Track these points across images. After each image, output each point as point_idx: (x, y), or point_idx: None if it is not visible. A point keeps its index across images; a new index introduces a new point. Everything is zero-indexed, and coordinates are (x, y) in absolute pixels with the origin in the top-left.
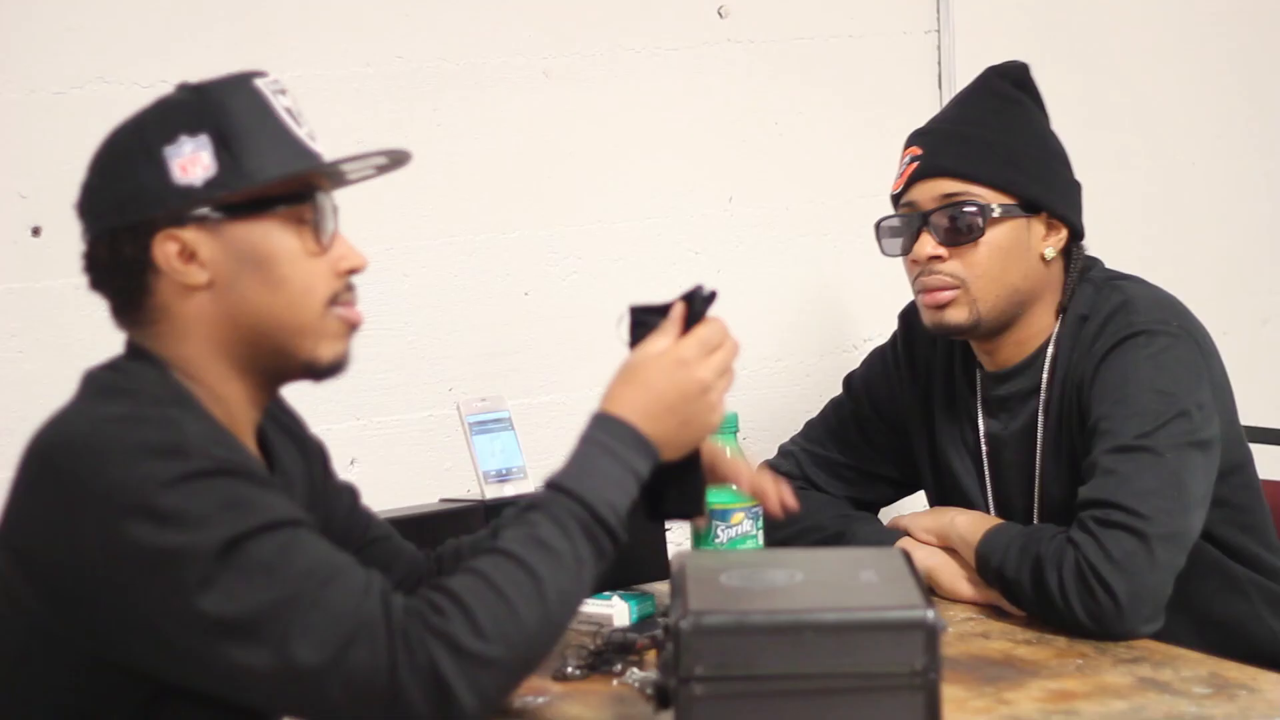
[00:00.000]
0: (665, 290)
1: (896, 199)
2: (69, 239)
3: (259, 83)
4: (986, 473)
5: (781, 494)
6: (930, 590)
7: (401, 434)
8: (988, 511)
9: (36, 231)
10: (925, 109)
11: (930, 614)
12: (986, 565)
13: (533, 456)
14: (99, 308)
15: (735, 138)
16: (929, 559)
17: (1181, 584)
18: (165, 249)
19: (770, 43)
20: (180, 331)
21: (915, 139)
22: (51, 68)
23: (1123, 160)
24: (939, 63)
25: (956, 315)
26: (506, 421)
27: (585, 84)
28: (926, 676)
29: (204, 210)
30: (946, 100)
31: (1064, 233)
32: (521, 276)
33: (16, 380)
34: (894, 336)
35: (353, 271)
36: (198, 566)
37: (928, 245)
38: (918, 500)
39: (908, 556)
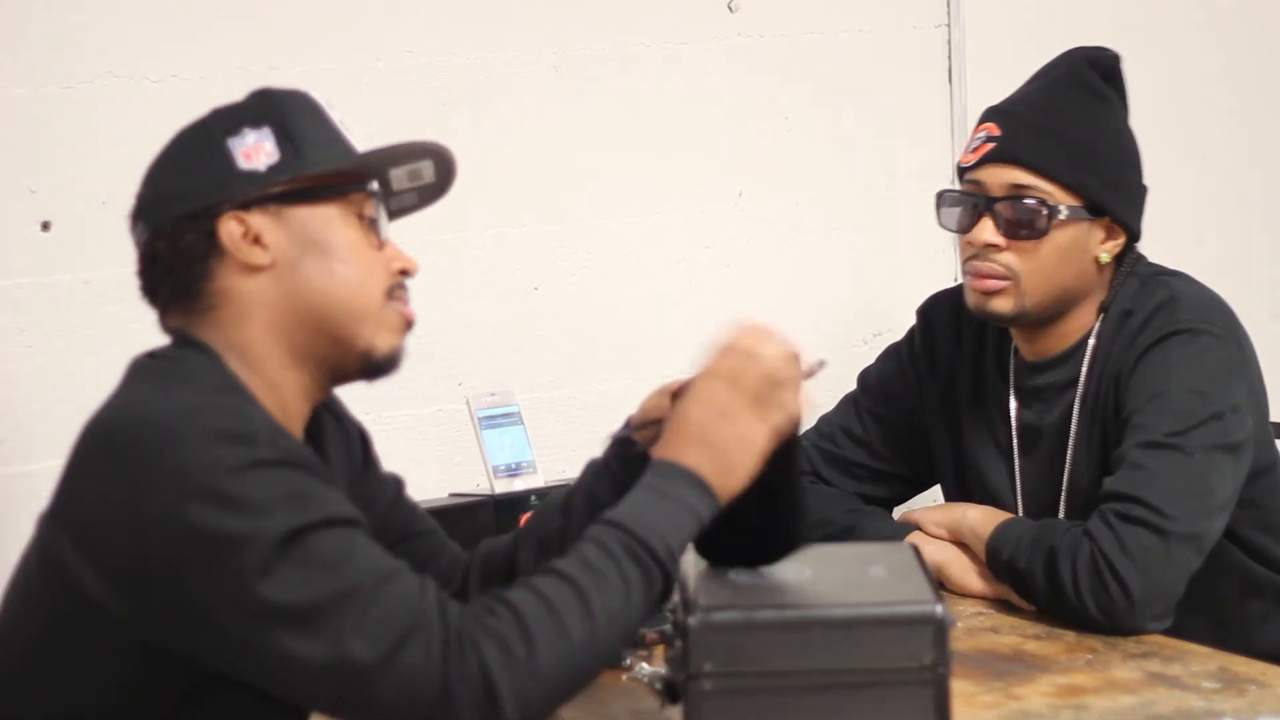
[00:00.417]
0: (672, 284)
1: (962, 170)
2: (78, 234)
3: (312, 96)
4: (1016, 463)
5: None
6: (940, 585)
7: (411, 428)
8: (1014, 502)
9: (46, 226)
10: (935, 104)
11: (939, 609)
12: (997, 558)
13: (542, 451)
14: (108, 302)
15: (744, 133)
16: (939, 553)
17: (1201, 582)
18: (229, 229)
19: (780, 38)
20: (240, 316)
21: (994, 116)
22: (60, 62)
23: None
24: (949, 58)
25: (1002, 305)
26: (516, 416)
27: (594, 79)
28: (935, 671)
29: (269, 191)
30: (957, 95)
31: (1123, 238)
32: (531, 272)
33: (26, 375)
34: (911, 331)
35: (405, 272)
36: (259, 553)
37: (987, 231)
38: (931, 496)
39: (917, 551)
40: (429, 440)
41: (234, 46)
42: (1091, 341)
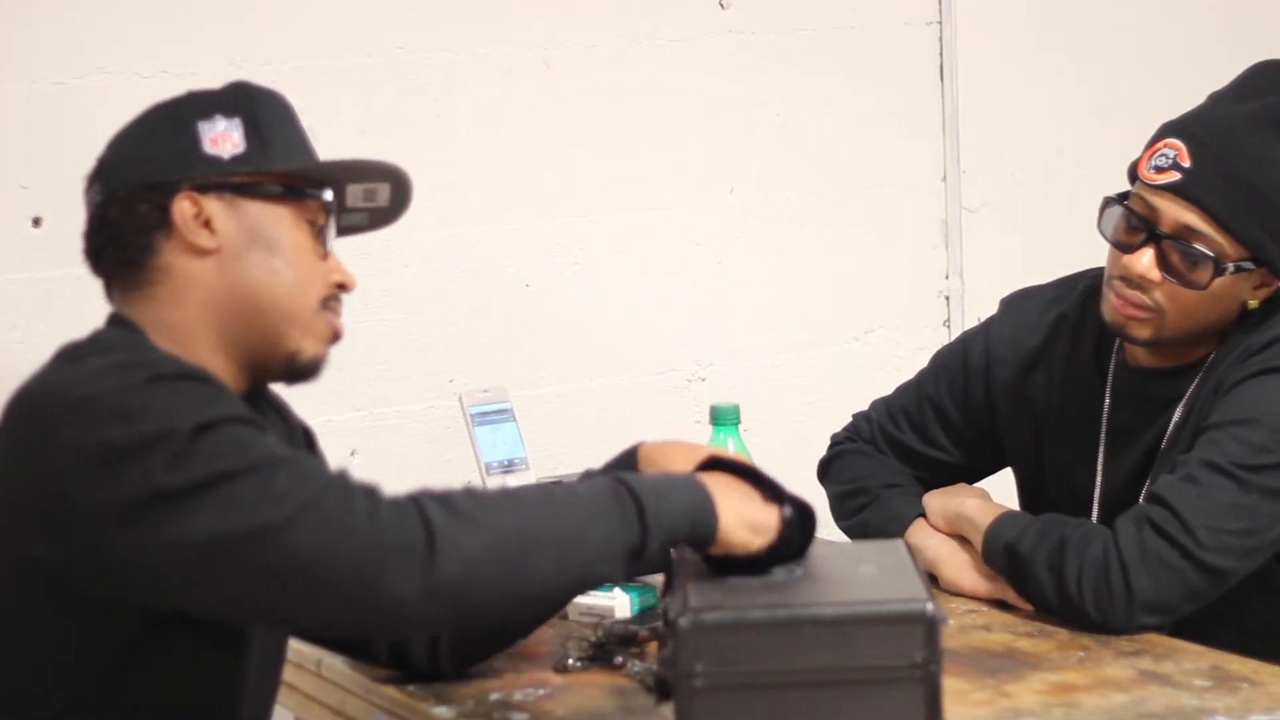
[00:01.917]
0: (664, 280)
1: (1134, 177)
2: (70, 230)
3: (287, 99)
4: (1100, 462)
5: None
6: (933, 580)
7: (403, 425)
8: (1092, 501)
9: (37, 222)
10: (927, 101)
11: (930, 606)
12: (996, 541)
13: (535, 447)
14: (99, 299)
15: (736, 129)
16: (935, 549)
17: (1245, 603)
18: (182, 207)
19: (772, 34)
20: (176, 294)
21: (1185, 138)
22: (52, 59)
23: (1124, 154)
24: (940, 54)
25: (1140, 332)
26: (508, 412)
27: (587, 75)
28: (927, 669)
29: (228, 179)
30: (948, 92)
31: (1276, 286)
32: (523, 268)
33: (17, 371)
34: (989, 321)
35: (342, 287)
36: (169, 447)
37: (1145, 262)
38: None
39: (909, 548)
40: (421, 437)
41: (225, 43)
42: (1209, 363)
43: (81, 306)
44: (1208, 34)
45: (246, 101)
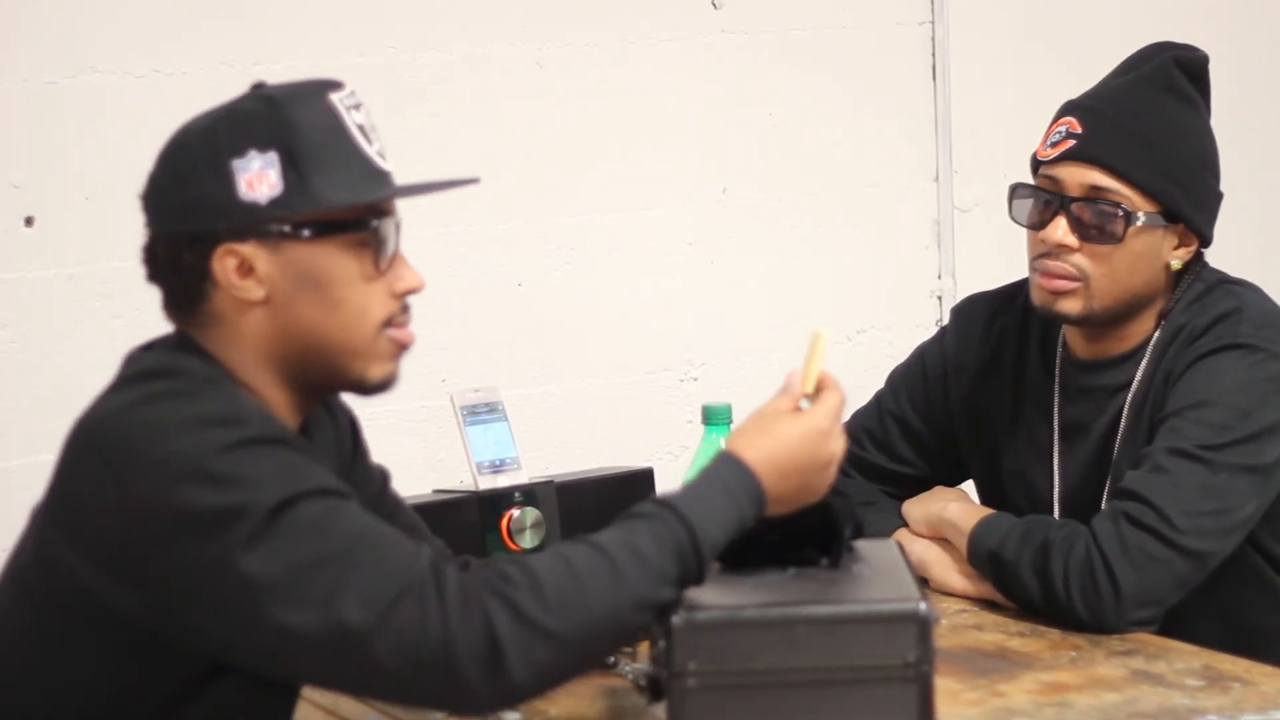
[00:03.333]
0: (656, 280)
1: (1037, 164)
2: (61, 229)
3: (334, 97)
4: (1056, 461)
5: None
6: (924, 581)
7: (395, 424)
8: (1052, 501)
9: (29, 222)
10: (919, 100)
11: (923, 606)
12: (980, 547)
13: (526, 447)
14: (91, 298)
15: (729, 129)
16: (924, 550)
17: (1221, 591)
18: (224, 264)
19: (764, 34)
20: (232, 340)
21: (1076, 112)
22: (44, 58)
23: None
24: (933, 54)
25: (1070, 306)
26: (500, 412)
27: (579, 74)
28: (919, 668)
29: (267, 226)
30: (941, 92)
31: (1195, 245)
32: (515, 267)
33: (9, 370)
34: (942, 330)
35: (409, 293)
36: (248, 526)
37: (1060, 231)
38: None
39: (901, 548)
40: (413, 436)
41: (217, 42)
42: (1151, 346)
43: (74, 306)
44: (1201, 34)
45: (281, 129)
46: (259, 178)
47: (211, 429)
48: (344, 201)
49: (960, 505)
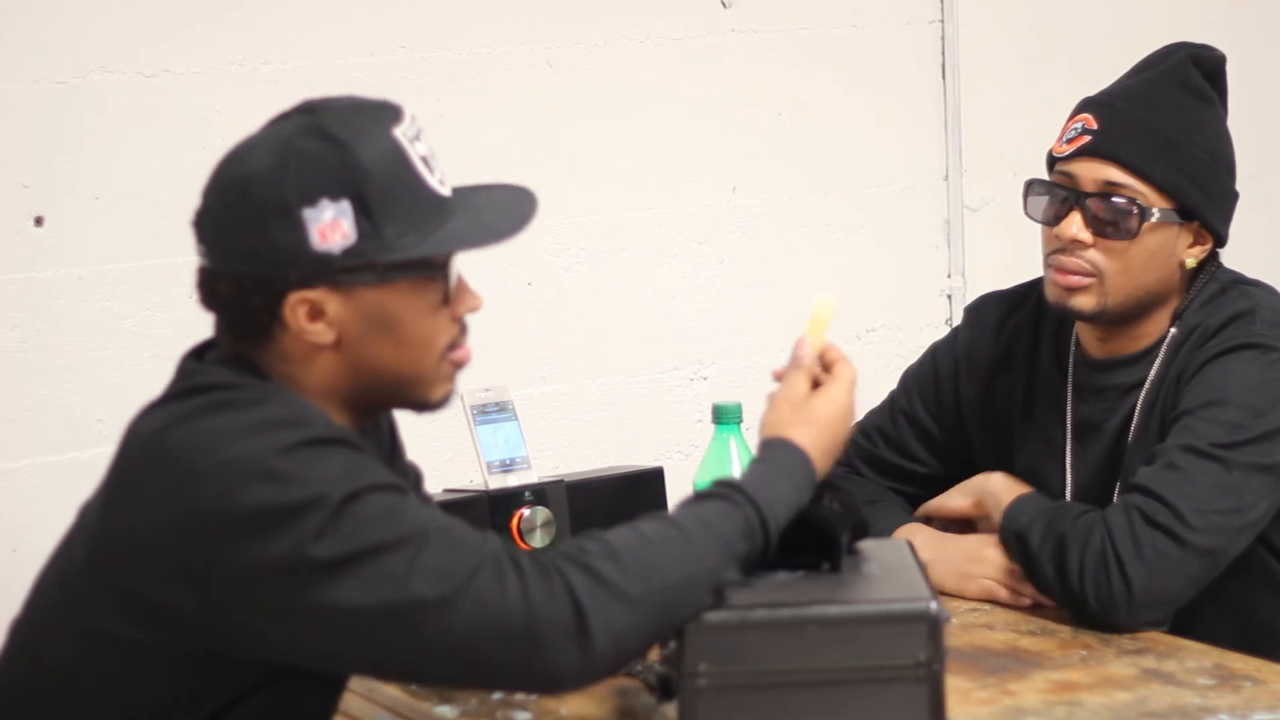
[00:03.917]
0: (666, 279)
1: (1053, 160)
2: (70, 229)
3: (398, 132)
4: (1068, 460)
5: None
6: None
7: (404, 423)
8: (1065, 499)
9: (39, 221)
10: (929, 100)
11: (933, 605)
12: (1011, 524)
13: (536, 446)
14: (100, 298)
15: (739, 128)
16: (924, 553)
17: (1228, 587)
18: (296, 311)
19: (774, 33)
20: (297, 376)
21: (1091, 108)
22: (54, 58)
23: None
24: (943, 53)
25: (1084, 302)
26: (510, 411)
27: (588, 74)
28: (930, 668)
29: (340, 275)
30: (950, 91)
31: (1210, 244)
32: (524, 267)
33: (18, 370)
34: (955, 330)
35: (470, 312)
36: (317, 518)
37: (1075, 227)
38: None
39: (911, 548)
40: (422, 435)
41: (227, 42)
42: (1164, 346)
43: (84, 306)
44: (1210, 34)
45: (353, 176)
46: (332, 228)
47: (274, 431)
48: (416, 250)
49: (1002, 476)
